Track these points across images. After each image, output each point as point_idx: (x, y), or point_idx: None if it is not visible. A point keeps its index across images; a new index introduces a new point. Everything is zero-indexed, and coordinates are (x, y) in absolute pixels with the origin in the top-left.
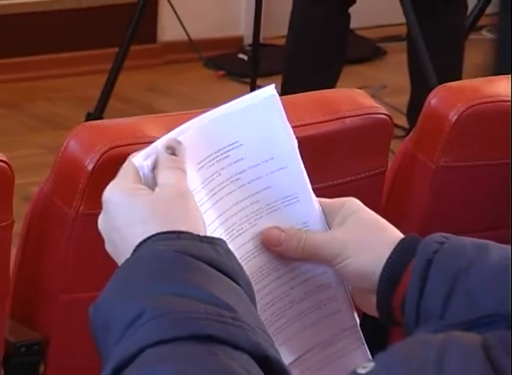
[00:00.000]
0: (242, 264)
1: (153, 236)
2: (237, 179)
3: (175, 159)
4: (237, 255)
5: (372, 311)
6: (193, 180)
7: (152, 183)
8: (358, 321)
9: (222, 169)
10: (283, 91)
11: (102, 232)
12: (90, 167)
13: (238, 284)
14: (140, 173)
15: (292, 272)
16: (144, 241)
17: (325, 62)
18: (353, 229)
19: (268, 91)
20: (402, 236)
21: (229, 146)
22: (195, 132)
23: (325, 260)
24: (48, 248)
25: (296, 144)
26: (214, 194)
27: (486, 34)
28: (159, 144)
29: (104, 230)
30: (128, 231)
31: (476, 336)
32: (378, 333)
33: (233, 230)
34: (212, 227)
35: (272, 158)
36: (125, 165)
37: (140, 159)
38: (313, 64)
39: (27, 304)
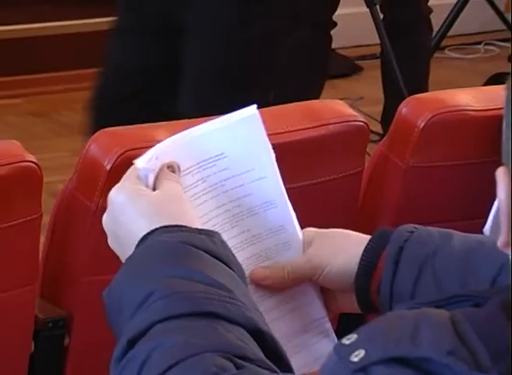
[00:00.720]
0: None
1: (157, 229)
2: (222, 185)
3: (173, 175)
4: None
5: (353, 307)
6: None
7: (152, 187)
8: (326, 312)
9: (207, 177)
10: (276, 102)
11: (106, 229)
12: (108, 167)
13: (232, 270)
14: (143, 175)
15: None
16: (149, 233)
17: (311, 77)
18: (322, 243)
19: (251, 111)
20: (367, 236)
21: (215, 157)
22: (187, 142)
23: (307, 277)
24: (71, 237)
25: (274, 157)
26: (196, 198)
27: (449, 53)
28: (158, 148)
29: (108, 227)
30: (133, 226)
31: (445, 312)
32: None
33: (214, 229)
34: (201, 221)
35: (253, 169)
36: (129, 170)
37: (142, 163)
38: (301, 79)
39: (54, 285)
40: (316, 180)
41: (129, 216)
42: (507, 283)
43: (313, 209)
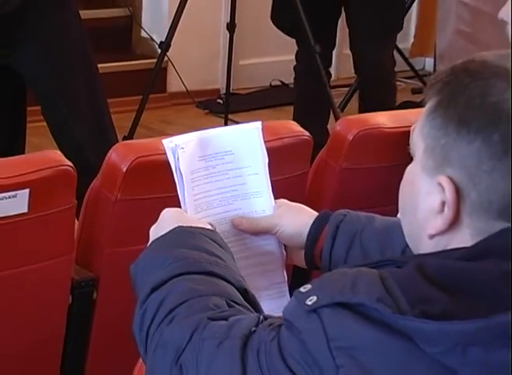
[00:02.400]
0: (216, 225)
1: (177, 227)
2: (226, 173)
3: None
4: (215, 219)
5: (301, 262)
6: (197, 165)
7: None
8: (286, 278)
9: (217, 165)
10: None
11: (156, 226)
12: (124, 170)
13: (225, 250)
14: (167, 153)
15: (249, 238)
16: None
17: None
18: (284, 210)
19: (256, 125)
20: (316, 213)
21: (225, 152)
22: (204, 137)
23: (269, 230)
24: (97, 220)
25: (266, 160)
26: (206, 178)
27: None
28: (185, 138)
29: (158, 225)
30: (167, 225)
31: (375, 271)
32: (303, 279)
33: (214, 202)
34: (206, 195)
35: (250, 166)
36: None
37: (169, 143)
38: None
39: (85, 255)
40: (275, 178)
41: (167, 221)
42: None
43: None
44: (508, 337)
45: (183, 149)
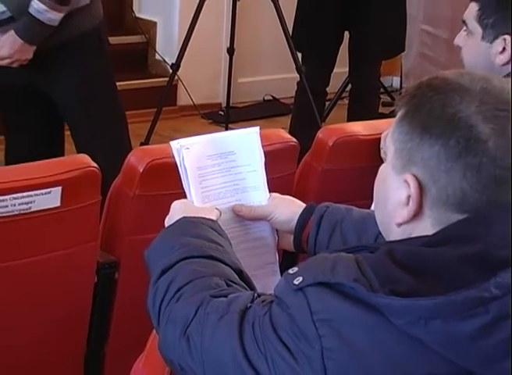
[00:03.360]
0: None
1: (182, 218)
2: (229, 170)
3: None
4: (219, 208)
5: (290, 246)
6: (204, 163)
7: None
8: (278, 260)
9: (221, 163)
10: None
11: (168, 217)
12: (141, 170)
13: (223, 236)
14: (173, 153)
15: (247, 225)
16: (178, 220)
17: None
18: (277, 201)
19: (255, 129)
20: (304, 204)
21: (228, 152)
22: (211, 139)
23: (264, 217)
24: (118, 213)
25: (263, 160)
26: (213, 173)
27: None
28: (192, 140)
29: (169, 216)
30: (175, 215)
31: (351, 255)
32: (291, 261)
33: (220, 194)
34: (212, 188)
35: (250, 164)
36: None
37: (176, 144)
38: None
39: (108, 242)
40: (267, 177)
41: (177, 212)
42: (384, 240)
43: None
44: (464, 311)
45: (188, 149)
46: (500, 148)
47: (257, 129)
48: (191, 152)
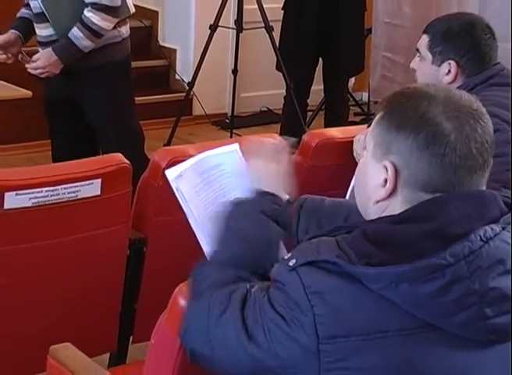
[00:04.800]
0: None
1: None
2: (219, 177)
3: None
4: (208, 208)
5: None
6: (197, 178)
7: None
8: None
9: (213, 174)
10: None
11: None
12: (163, 166)
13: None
14: (172, 187)
15: None
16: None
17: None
18: None
19: (235, 146)
20: (287, 196)
21: (218, 165)
22: (203, 158)
23: None
24: (146, 199)
25: (244, 167)
26: (208, 183)
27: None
28: (185, 165)
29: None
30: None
31: (331, 238)
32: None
33: (218, 197)
34: (209, 196)
35: (232, 171)
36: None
37: (171, 175)
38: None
39: (138, 222)
40: None
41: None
42: (357, 221)
43: None
44: (425, 275)
45: (181, 177)
46: (459, 141)
47: (236, 146)
48: (184, 178)
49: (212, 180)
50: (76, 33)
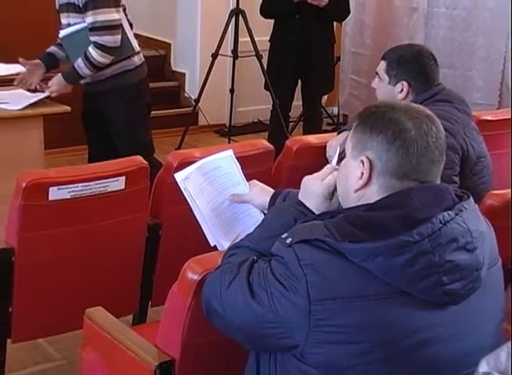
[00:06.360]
0: (220, 203)
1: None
2: (220, 177)
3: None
4: (220, 201)
5: None
6: (201, 178)
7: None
8: None
9: (213, 175)
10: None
11: (307, 188)
12: (175, 165)
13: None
14: (179, 187)
15: (244, 206)
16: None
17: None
18: (254, 191)
19: (230, 152)
20: (273, 190)
21: (217, 167)
22: (205, 163)
23: (247, 201)
24: (161, 193)
25: (240, 167)
26: (210, 182)
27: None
28: (190, 169)
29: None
30: (309, 195)
31: (320, 222)
32: None
33: (220, 194)
34: (212, 192)
35: (231, 171)
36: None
37: (179, 177)
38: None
39: (155, 211)
40: (254, 170)
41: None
42: (338, 209)
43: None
44: (396, 250)
45: (187, 179)
46: (419, 136)
47: (230, 152)
48: (191, 180)
49: (213, 180)
50: (79, 63)
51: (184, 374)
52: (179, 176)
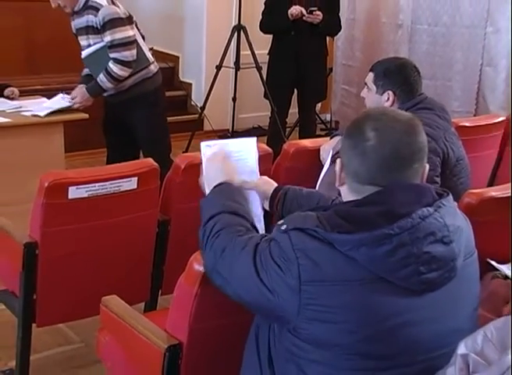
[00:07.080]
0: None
1: (225, 183)
2: (238, 160)
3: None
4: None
5: (267, 208)
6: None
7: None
8: (262, 213)
9: (234, 156)
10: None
11: (214, 171)
12: (182, 167)
13: (244, 198)
14: (203, 150)
15: (246, 193)
16: (219, 183)
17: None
18: (261, 181)
19: (254, 139)
20: (276, 184)
21: (238, 150)
22: (230, 143)
23: (252, 188)
24: (170, 191)
25: (257, 155)
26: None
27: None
28: (213, 143)
29: (214, 173)
30: (219, 175)
31: (314, 213)
32: (268, 217)
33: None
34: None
35: (249, 157)
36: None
37: (205, 144)
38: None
39: (164, 208)
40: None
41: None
42: (329, 204)
43: None
44: (378, 241)
45: (209, 146)
46: (381, 145)
47: (254, 139)
48: (212, 149)
49: (229, 158)
50: (102, 78)
51: (191, 356)
52: (204, 143)
